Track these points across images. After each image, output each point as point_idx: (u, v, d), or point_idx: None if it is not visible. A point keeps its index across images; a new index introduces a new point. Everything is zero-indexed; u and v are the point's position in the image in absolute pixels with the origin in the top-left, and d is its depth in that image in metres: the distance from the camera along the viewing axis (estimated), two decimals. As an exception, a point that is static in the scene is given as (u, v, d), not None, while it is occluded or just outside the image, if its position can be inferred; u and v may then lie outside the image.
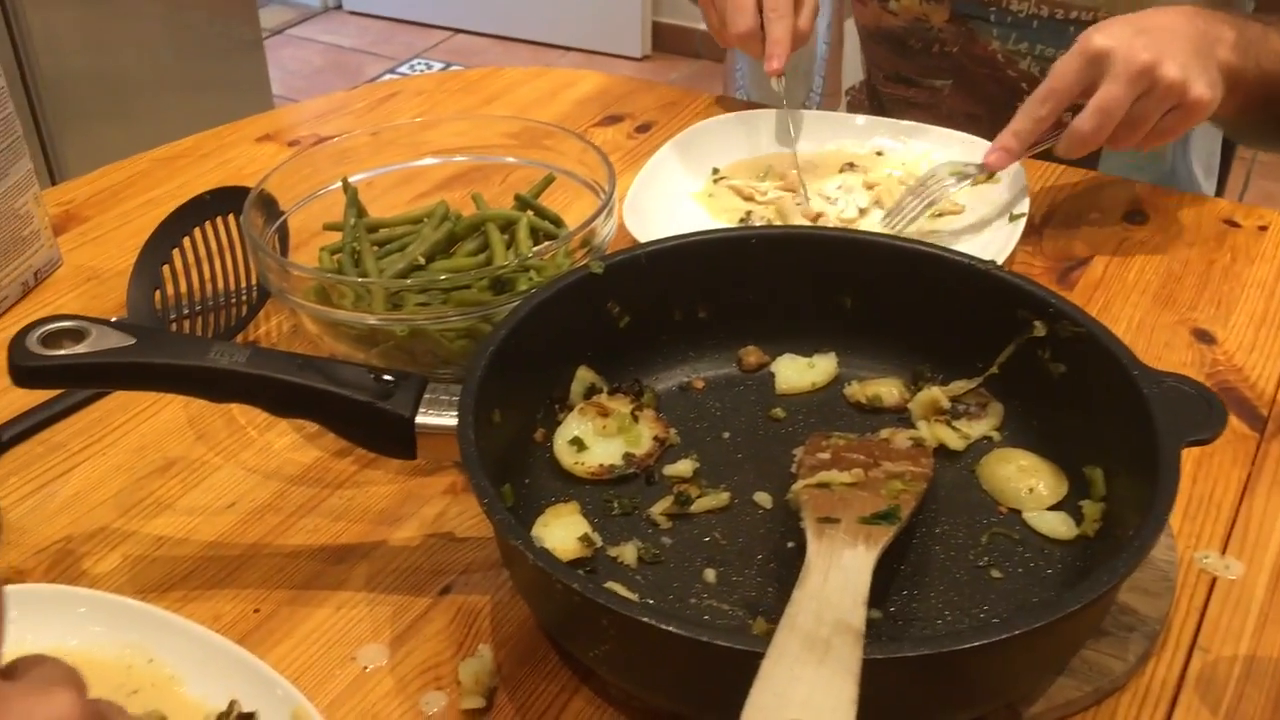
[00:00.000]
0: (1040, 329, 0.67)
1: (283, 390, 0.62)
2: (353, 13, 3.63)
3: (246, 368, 0.62)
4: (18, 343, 0.62)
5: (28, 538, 0.68)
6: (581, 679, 0.59)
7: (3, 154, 0.84)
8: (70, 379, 0.64)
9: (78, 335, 0.62)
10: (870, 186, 0.95)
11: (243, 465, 0.73)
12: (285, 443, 0.75)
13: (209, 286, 0.85)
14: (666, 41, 3.33)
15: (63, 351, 0.61)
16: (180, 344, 0.65)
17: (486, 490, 0.56)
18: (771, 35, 0.98)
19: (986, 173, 0.88)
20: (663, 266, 0.73)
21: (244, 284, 0.85)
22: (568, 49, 3.38)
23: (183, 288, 0.84)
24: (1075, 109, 0.84)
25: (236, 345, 0.63)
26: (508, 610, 0.63)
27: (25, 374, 0.61)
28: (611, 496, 0.67)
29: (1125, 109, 0.81)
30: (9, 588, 0.61)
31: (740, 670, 0.47)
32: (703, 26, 3.41)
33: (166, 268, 0.85)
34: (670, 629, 0.49)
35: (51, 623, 0.58)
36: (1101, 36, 0.81)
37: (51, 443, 0.75)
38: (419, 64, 3.35)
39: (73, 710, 0.36)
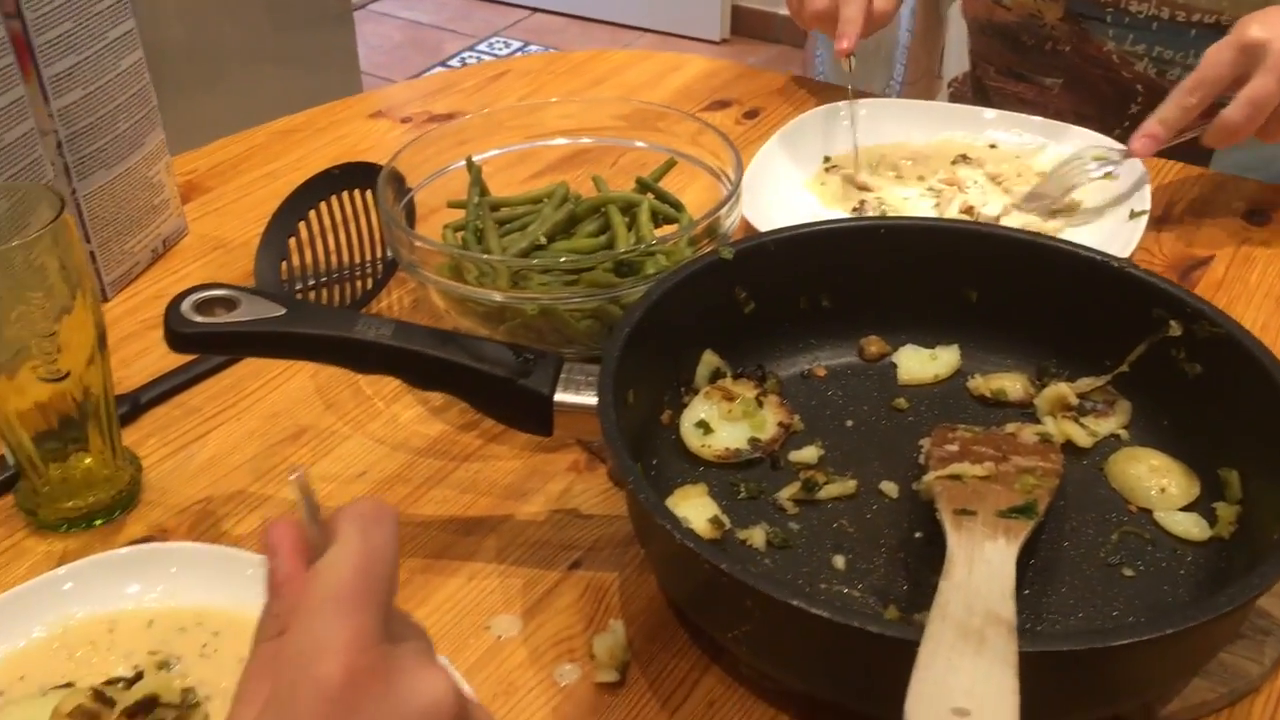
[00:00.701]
0: (1176, 328, 0.67)
1: (425, 364, 0.64)
2: (432, -11, 3.65)
3: (392, 341, 0.63)
4: (173, 309, 0.64)
5: (169, 498, 0.70)
6: (712, 658, 0.60)
7: (139, 124, 0.86)
8: (222, 345, 0.66)
9: (229, 304, 0.64)
10: (995, 179, 0.94)
11: (371, 436, 0.75)
12: (411, 415, 0.77)
13: (334, 259, 0.87)
14: (746, 25, 3.32)
15: (216, 319, 0.63)
16: (328, 316, 0.67)
17: (630, 468, 0.57)
18: (844, 14, 0.98)
19: (1129, 158, 0.89)
20: (790, 254, 0.73)
21: (369, 258, 0.87)
22: (645, 30, 3.37)
23: (308, 259, 0.86)
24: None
25: (382, 319, 0.65)
26: (636, 587, 0.64)
27: (180, 339, 0.63)
28: (737, 480, 0.67)
29: (1276, 102, 0.81)
30: (184, 545, 0.64)
31: (886, 657, 0.48)
32: (783, 11, 3.38)
33: (293, 240, 0.87)
34: (819, 613, 0.49)
35: (220, 583, 0.60)
36: (1258, 27, 0.81)
37: (187, 406, 0.77)
38: (497, 42, 3.37)
39: (449, 696, 0.37)
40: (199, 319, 0.63)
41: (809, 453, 0.68)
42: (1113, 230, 0.87)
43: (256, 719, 0.36)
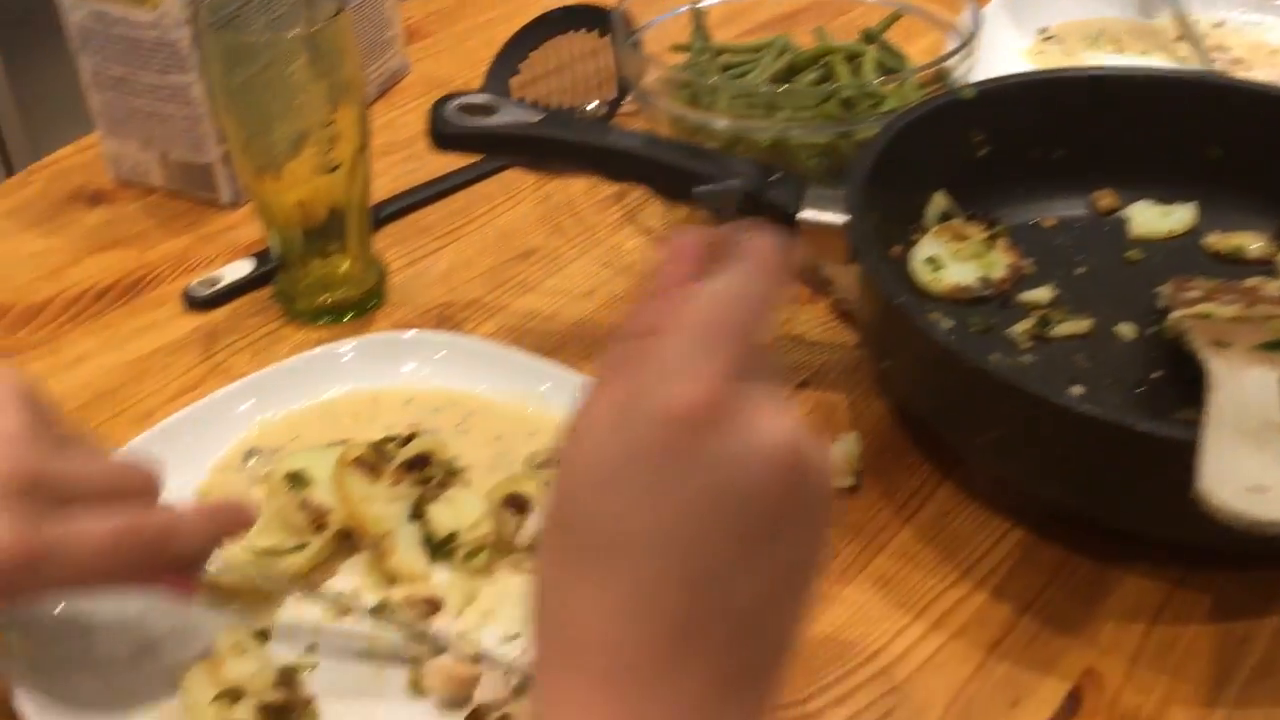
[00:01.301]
0: None
1: (674, 175, 0.65)
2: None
3: (643, 150, 0.65)
4: (437, 111, 0.66)
5: (411, 300, 0.74)
6: (944, 474, 0.61)
7: (376, -42, 0.89)
8: (482, 145, 0.69)
9: (488, 110, 0.67)
10: (1220, 53, 0.91)
11: (596, 260, 0.77)
12: (633, 245, 0.79)
13: (555, 101, 0.89)
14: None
15: (478, 120, 0.66)
16: (582, 124, 0.69)
17: (884, 275, 0.58)
18: None
19: None
20: (1031, 98, 0.73)
21: (590, 100, 0.89)
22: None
23: (529, 99, 0.88)
24: None
25: (633, 130, 0.66)
26: (864, 408, 0.66)
27: (444, 139, 0.66)
28: (968, 315, 0.68)
29: None
30: (455, 335, 0.69)
31: (1155, 460, 0.48)
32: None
33: (514, 79, 0.89)
34: (1087, 411, 0.50)
35: (482, 372, 0.64)
36: None
37: (420, 224, 0.81)
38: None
39: (795, 442, 0.35)
40: (464, 120, 0.66)
41: (1042, 293, 0.68)
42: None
43: (604, 413, 0.37)
